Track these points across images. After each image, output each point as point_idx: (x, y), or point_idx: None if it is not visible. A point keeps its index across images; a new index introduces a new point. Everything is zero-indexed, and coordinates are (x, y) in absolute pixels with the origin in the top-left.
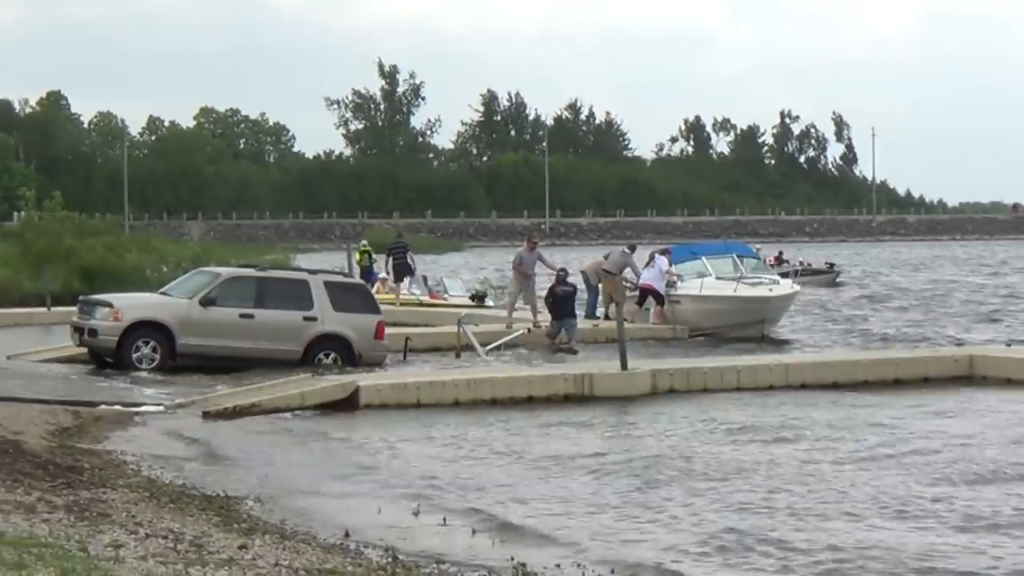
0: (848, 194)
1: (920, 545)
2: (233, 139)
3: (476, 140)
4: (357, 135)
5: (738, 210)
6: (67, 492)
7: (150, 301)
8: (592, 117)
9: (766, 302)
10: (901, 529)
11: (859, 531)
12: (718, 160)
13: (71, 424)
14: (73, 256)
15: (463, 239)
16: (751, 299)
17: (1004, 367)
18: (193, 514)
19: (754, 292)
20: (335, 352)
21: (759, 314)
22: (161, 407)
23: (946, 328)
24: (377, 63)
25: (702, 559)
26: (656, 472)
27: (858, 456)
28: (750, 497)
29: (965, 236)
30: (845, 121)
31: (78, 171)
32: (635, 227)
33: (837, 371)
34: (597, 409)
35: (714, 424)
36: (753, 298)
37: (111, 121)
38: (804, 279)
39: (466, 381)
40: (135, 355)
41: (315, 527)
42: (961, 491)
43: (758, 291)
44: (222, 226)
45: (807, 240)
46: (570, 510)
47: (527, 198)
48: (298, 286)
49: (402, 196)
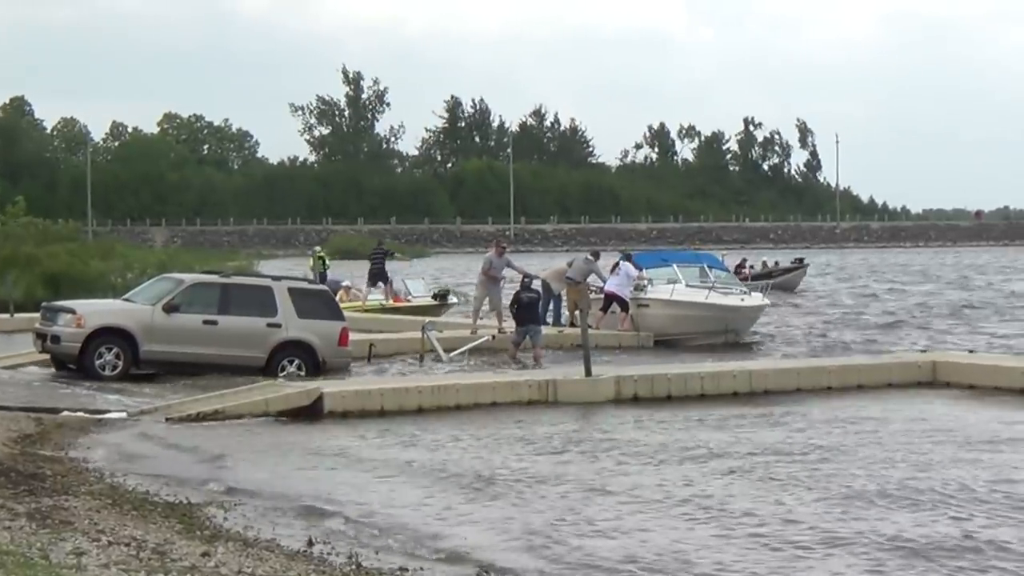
0: (812, 201)
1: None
2: (197, 145)
3: (440, 146)
4: (322, 141)
5: (702, 217)
6: (29, 499)
7: (113, 307)
8: (557, 123)
9: (736, 311)
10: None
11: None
12: (682, 167)
13: (33, 431)
14: (36, 262)
15: (428, 245)
16: (722, 307)
17: (967, 373)
18: (156, 521)
19: (725, 301)
20: (299, 359)
21: (729, 323)
22: (124, 414)
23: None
24: (341, 69)
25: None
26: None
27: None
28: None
29: (928, 243)
30: (809, 128)
31: (41, 177)
32: (599, 233)
33: (801, 377)
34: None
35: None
36: (724, 306)
37: (74, 127)
38: (776, 280)
39: (430, 388)
40: (98, 361)
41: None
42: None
43: (729, 300)
44: (186, 232)
45: (771, 247)
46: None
47: (491, 204)
48: (262, 292)
49: (366, 202)
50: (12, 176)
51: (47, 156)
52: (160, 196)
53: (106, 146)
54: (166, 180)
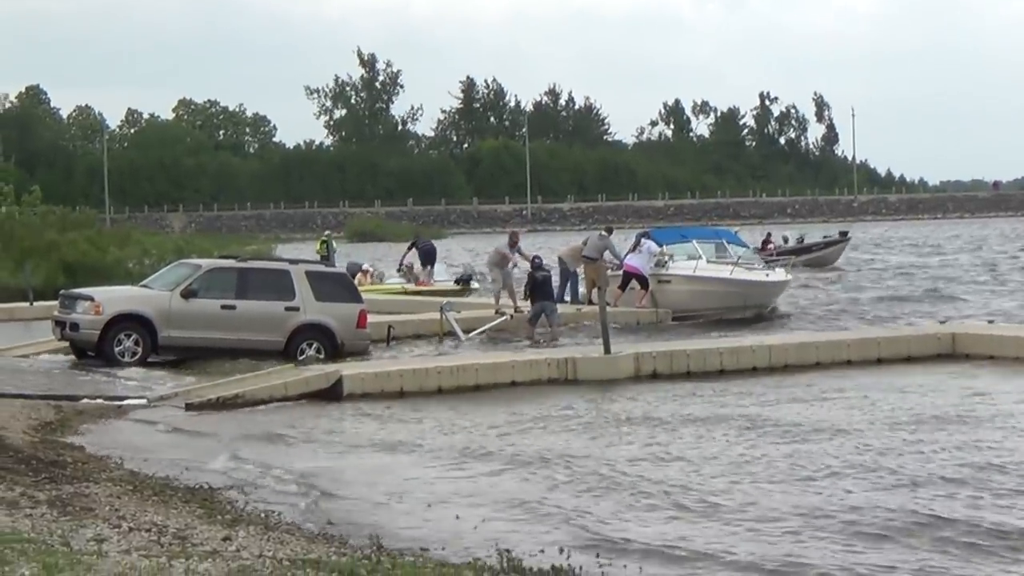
0: (829, 175)
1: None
2: (213, 130)
3: (456, 127)
4: (338, 124)
5: (719, 192)
6: (50, 487)
7: (131, 294)
8: (572, 102)
9: (762, 287)
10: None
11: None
12: (698, 143)
13: (53, 418)
14: (54, 250)
15: (445, 226)
16: (747, 283)
17: (986, 344)
18: (176, 507)
19: (750, 276)
20: (317, 342)
21: (753, 298)
22: (144, 400)
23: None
24: (356, 52)
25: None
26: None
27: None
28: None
29: (946, 215)
30: (826, 101)
31: (58, 165)
32: (616, 211)
33: (820, 351)
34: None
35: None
36: (749, 282)
37: (90, 114)
38: (815, 255)
39: (449, 368)
40: (117, 348)
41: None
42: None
43: (754, 275)
44: (203, 218)
45: (788, 221)
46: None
47: (508, 184)
48: (279, 276)
49: (383, 184)
50: (28, 165)
51: (63, 144)
52: (177, 182)
53: (122, 133)
54: (182, 166)
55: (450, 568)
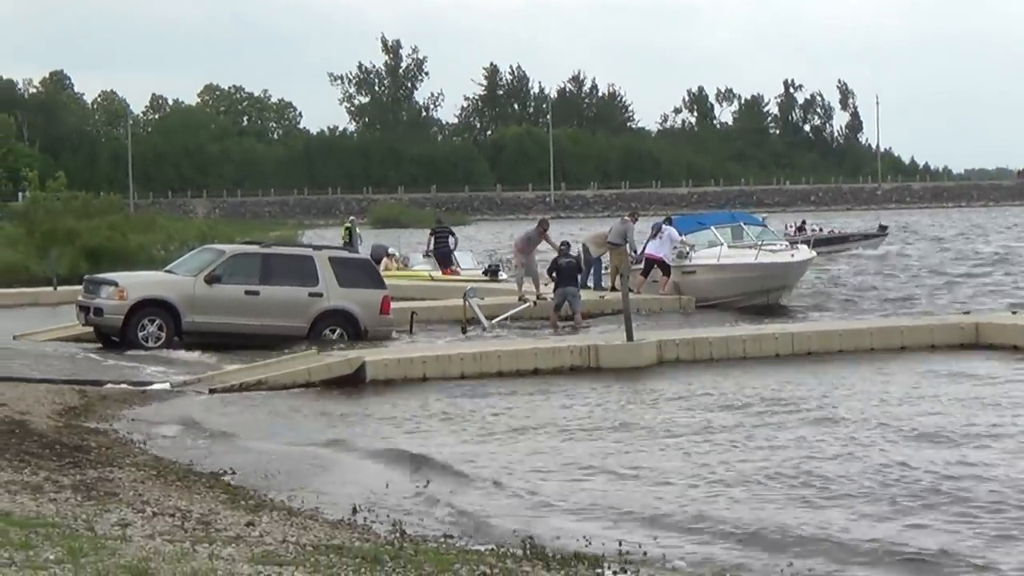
0: (853, 162)
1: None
2: (237, 116)
3: (479, 114)
4: (361, 110)
5: (743, 180)
6: (74, 471)
7: (155, 279)
8: (595, 89)
9: (788, 268)
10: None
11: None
12: (722, 130)
13: (77, 403)
14: (78, 236)
15: (468, 213)
16: (774, 265)
17: (1010, 334)
18: (200, 492)
19: (776, 258)
20: (341, 328)
21: (781, 280)
22: (167, 385)
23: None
24: (380, 38)
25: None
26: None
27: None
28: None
29: (971, 203)
30: (850, 89)
31: (82, 150)
32: (640, 198)
33: (844, 339)
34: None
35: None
36: (776, 264)
37: (114, 100)
38: (852, 245)
39: (472, 355)
40: (141, 333)
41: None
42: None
43: (780, 257)
44: (227, 204)
45: (812, 209)
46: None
47: (532, 171)
48: (303, 262)
49: (406, 171)
50: (53, 150)
51: (87, 130)
52: (201, 168)
53: (147, 118)
54: (207, 151)
55: (473, 554)
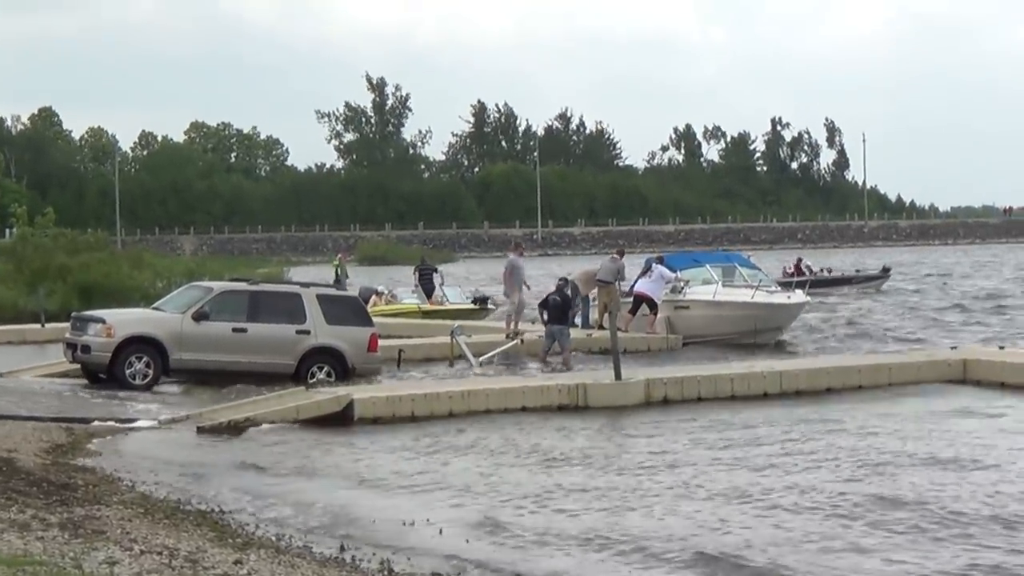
0: (840, 200)
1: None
2: (225, 153)
3: (467, 151)
4: (349, 147)
5: (730, 217)
6: (61, 509)
7: (143, 316)
8: (583, 126)
9: (783, 309)
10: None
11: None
12: (709, 168)
13: (65, 441)
14: (67, 273)
15: (455, 250)
16: (769, 306)
17: (997, 370)
18: (188, 530)
19: (772, 299)
20: (328, 365)
21: (775, 321)
22: (155, 422)
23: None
24: (365, 76)
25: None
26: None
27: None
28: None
29: (957, 241)
30: (837, 127)
31: (70, 187)
32: (627, 236)
33: (831, 377)
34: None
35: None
36: (772, 305)
37: (102, 137)
38: (855, 287)
39: (460, 393)
40: (128, 371)
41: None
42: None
43: (776, 298)
44: (214, 240)
45: (799, 246)
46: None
47: (519, 208)
48: (291, 299)
49: (394, 208)
50: (41, 186)
51: (75, 166)
52: (188, 204)
53: (135, 155)
54: (194, 188)
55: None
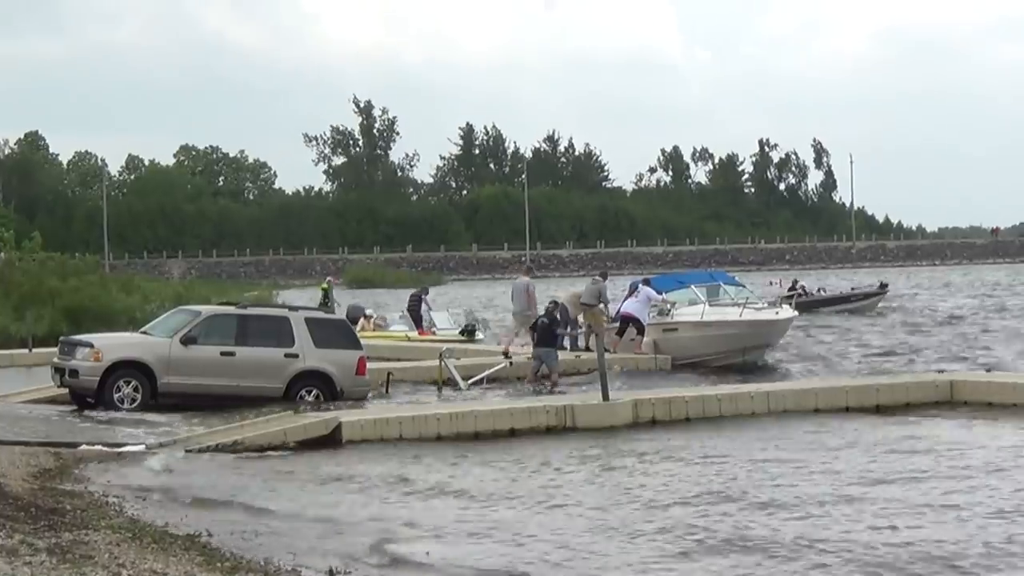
0: (828, 221)
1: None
2: (213, 177)
3: (455, 173)
4: (337, 171)
5: (718, 239)
6: (49, 534)
7: (131, 341)
8: (571, 148)
9: (771, 326)
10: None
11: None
12: (697, 190)
13: (53, 465)
14: (56, 297)
15: (444, 273)
16: (757, 323)
17: (984, 391)
18: (176, 554)
19: (759, 316)
20: (317, 388)
21: (764, 338)
22: (143, 446)
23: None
24: (352, 100)
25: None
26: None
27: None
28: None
29: (945, 261)
30: (824, 148)
31: (57, 211)
32: (616, 258)
33: (819, 398)
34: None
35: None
36: (760, 322)
37: (90, 160)
38: (853, 305)
39: (448, 415)
40: (116, 395)
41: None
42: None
43: (764, 315)
44: (203, 264)
45: (787, 268)
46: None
47: (507, 231)
48: (279, 323)
49: (382, 231)
50: (28, 211)
51: (62, 190)
52: (177, 228)
53: (122, 179)
54: (182, 212)
55: None
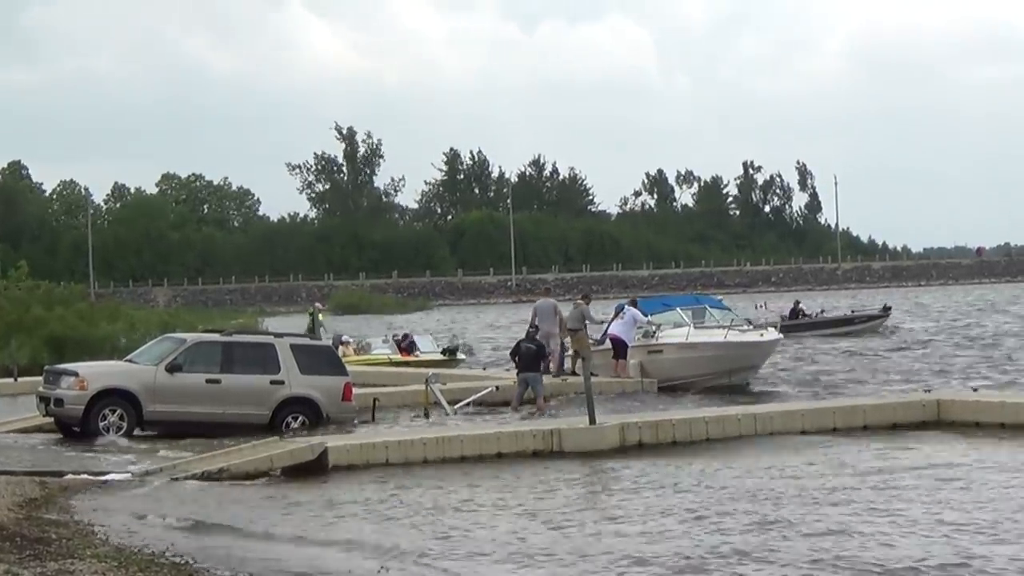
0: (813, 243)
1: None
2: (197, 204)
3: (440, 199)
4: (321, 197)
5: (703, 262)
6: (35, 564)
7: (116, 369)
8: (556, 173)
9: (757, 348)
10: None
11: None
12: (682, 212)
13: (38, 495)
14: (42, 326)
15: (429, 298)
16: (743, 344)
17: (971, 411)
18: None
19: (745, 338)
20: (303, 415)
21: (749, 360)
22: (128, 475)
23: None
24: (335, 127)
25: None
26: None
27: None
28: None
29: (930, 282)
30: (809, 170)
31: (42, 240)
32: (601, 281)
33: (806, 419)
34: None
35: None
36: (745, 343)
37: (74, 189)
38: (857, 327)
39: (435, 440)
40: (102, 423)
41: None
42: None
43: (749, 337)
44: (188, 291)
45: (773, 290)
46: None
47: (493, 255)
48: (264, 350)
49: (367, 256)
50: (13, 239)
51: (47, 219)
52: (161, 256)
53: (108, 208)
54: (167, 240)
55: None
